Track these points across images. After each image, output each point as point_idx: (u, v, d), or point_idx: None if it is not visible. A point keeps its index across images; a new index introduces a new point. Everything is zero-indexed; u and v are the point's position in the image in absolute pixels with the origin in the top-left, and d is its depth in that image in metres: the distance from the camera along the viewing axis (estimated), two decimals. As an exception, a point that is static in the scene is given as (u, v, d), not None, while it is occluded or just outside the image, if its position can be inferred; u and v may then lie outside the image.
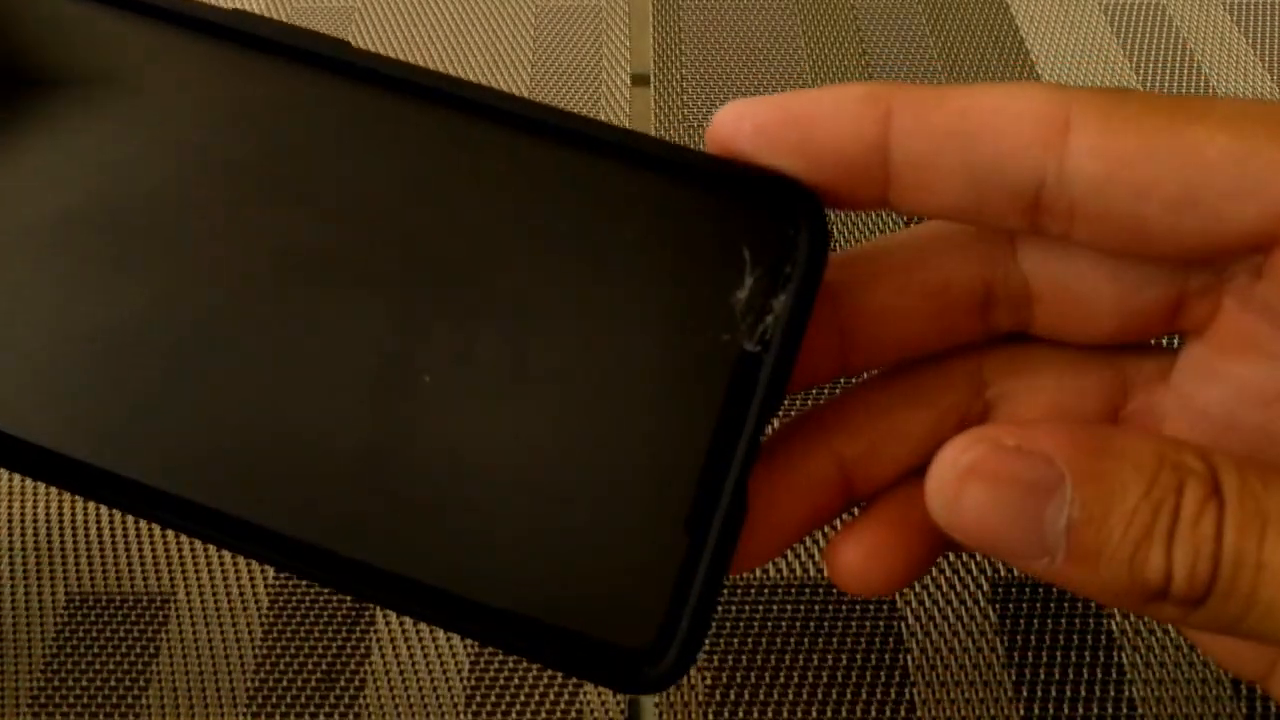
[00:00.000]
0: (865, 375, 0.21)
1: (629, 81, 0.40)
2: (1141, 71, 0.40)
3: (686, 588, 0.18)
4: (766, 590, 0.27)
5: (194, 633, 0.26)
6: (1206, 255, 0.17)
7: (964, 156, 0.17)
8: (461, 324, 0.19)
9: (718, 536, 0.18)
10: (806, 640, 0.26)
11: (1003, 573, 0.27)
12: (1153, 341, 0.20)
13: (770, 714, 0.25)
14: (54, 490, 0.28)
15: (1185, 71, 0.40)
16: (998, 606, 0.26)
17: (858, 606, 0.26)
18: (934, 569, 0.27)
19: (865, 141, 0.17)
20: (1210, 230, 0.16)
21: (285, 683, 0.25)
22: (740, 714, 0.25)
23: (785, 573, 0.27)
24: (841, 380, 0.25)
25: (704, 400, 0.18)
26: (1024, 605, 0.26)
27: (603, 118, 0.38)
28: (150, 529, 0.28)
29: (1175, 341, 0.20)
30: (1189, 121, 0.16)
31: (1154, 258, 0.18)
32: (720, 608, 0.26)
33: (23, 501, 0.28)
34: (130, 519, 0.28)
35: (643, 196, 0.18)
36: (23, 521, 0.28)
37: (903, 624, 0.26)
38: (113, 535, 0.28)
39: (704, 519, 0.18)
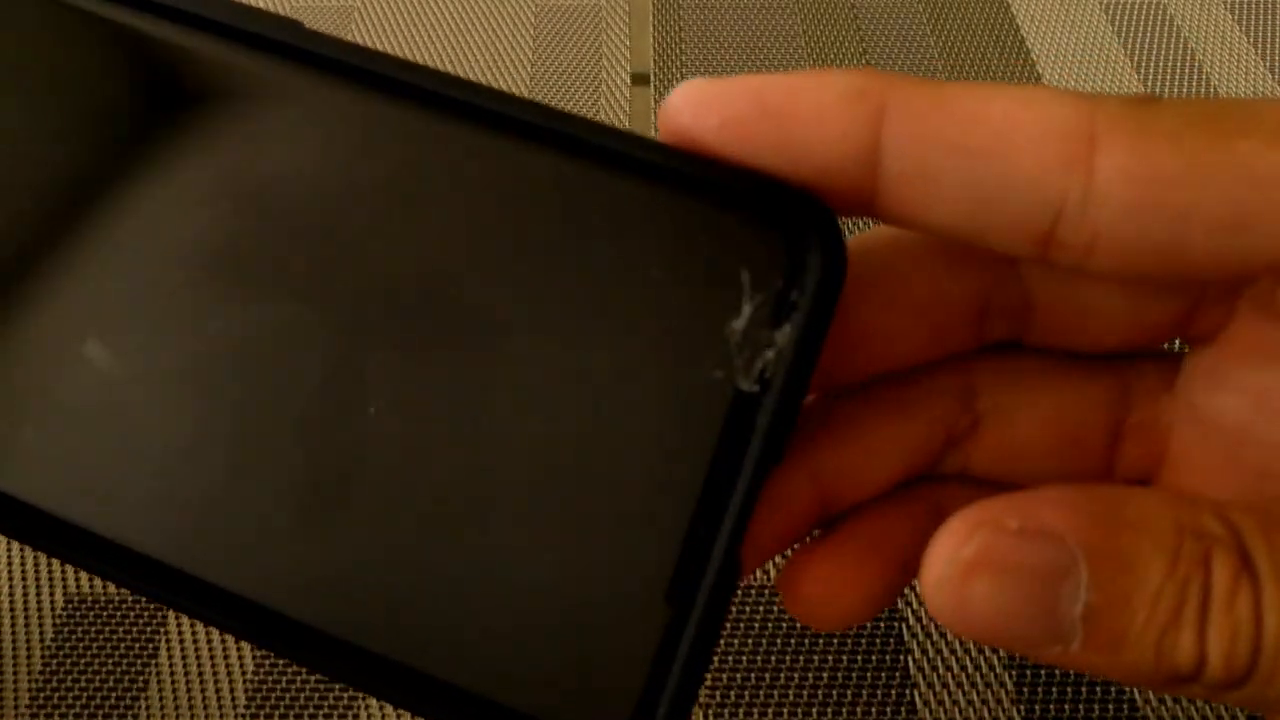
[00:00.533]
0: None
1: (629, 81, 0.40)
2: (1143, 71, 0.40)
3: (667, 668, 0.16)
4: (767, 591, 0.26)
5: (192, 634, 0.26)
6: (1251, 277, 0.16)
7: (968, 174, 0.15)
8: (410, 360, 0.16)
9: (704, 610, 0.15)
10: (807, 641, 0.26)
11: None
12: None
13: (771, 715, 0.25)
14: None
15: (1186, 71, 0.39)
16: (999, 607, 0.26)
17: (858, 607, 0.26)
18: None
19: (852, 144, 0.15)
20: (1262, 251, 0.14)
21: (284, 685, 0.25)
22: (740, 715, 0.24)
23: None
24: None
25: (691, 451, 0.16)
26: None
27: (602, 118, 0.38)
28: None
29: (1176, 345, 0.19)
30: (1234, 135, 0.14)
31: (1181, 281, 0.17)
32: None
33: (21, 502, 0.28)
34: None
35: (619, 205, 0.16)
36: (21, 523, 0.28)
37: (904, 625, 0.26)
38: (111, 536, 0.28)
39: (688, 590, 0.16)
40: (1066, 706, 0.24)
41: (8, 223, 0.17)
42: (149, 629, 0.26)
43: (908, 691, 0.25)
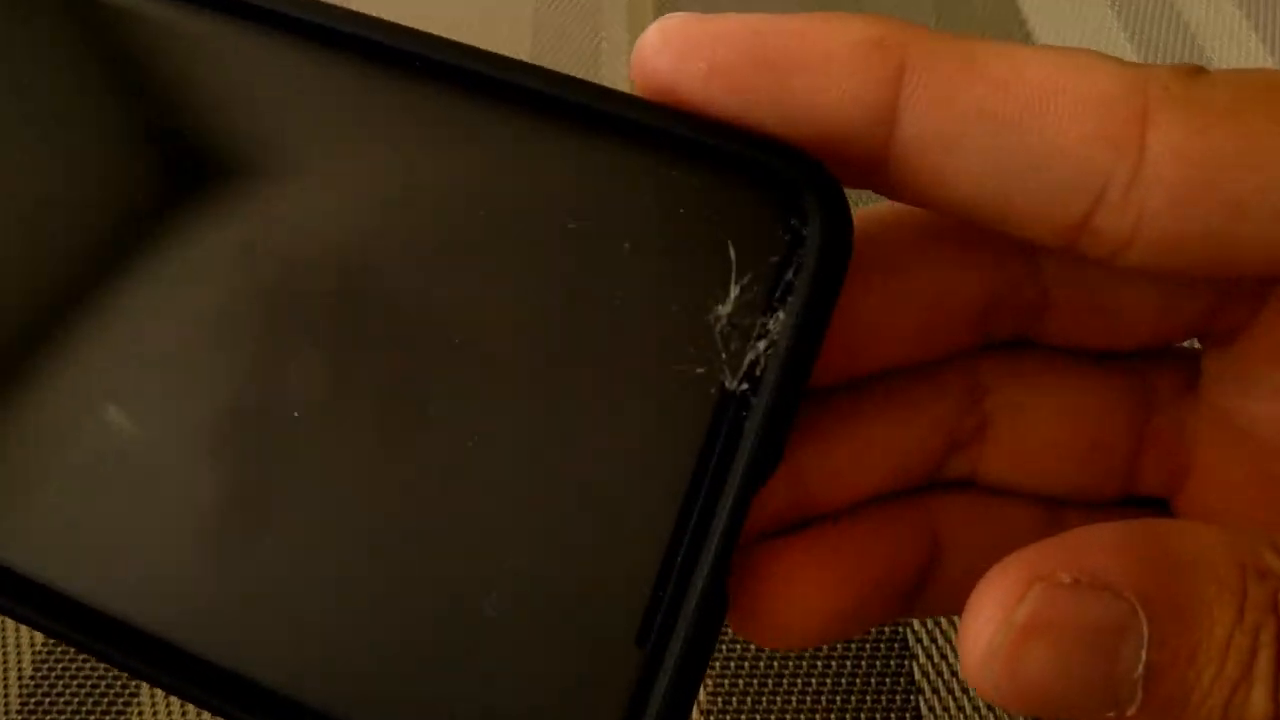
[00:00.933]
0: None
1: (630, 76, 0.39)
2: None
3: (641, 713, 0.13)
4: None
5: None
6: None
7: (997, 146, 0.13)
8: (351, 356, 0.14)
9: (683, 649, 0.13)
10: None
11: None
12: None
13: (773, 722, 0.24)
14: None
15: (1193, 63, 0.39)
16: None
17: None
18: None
19: (865, 105, 0.13)
20: None
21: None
22: (743, 722, 0.24)
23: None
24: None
25: (669, 461, 0.13)
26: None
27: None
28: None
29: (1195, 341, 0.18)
30: None
31: (1223, 276, 0.15)
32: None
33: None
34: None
35: (583, 168, 0.13)
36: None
37: (909, 630, 0.26)
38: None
39: (665, 626, 0.13)
40: (1074, 713, 0.24)
41: None
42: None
43: (913, 698, 0.25)
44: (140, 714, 0.24)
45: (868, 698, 0.25)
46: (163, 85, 0.15)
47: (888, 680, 0.25)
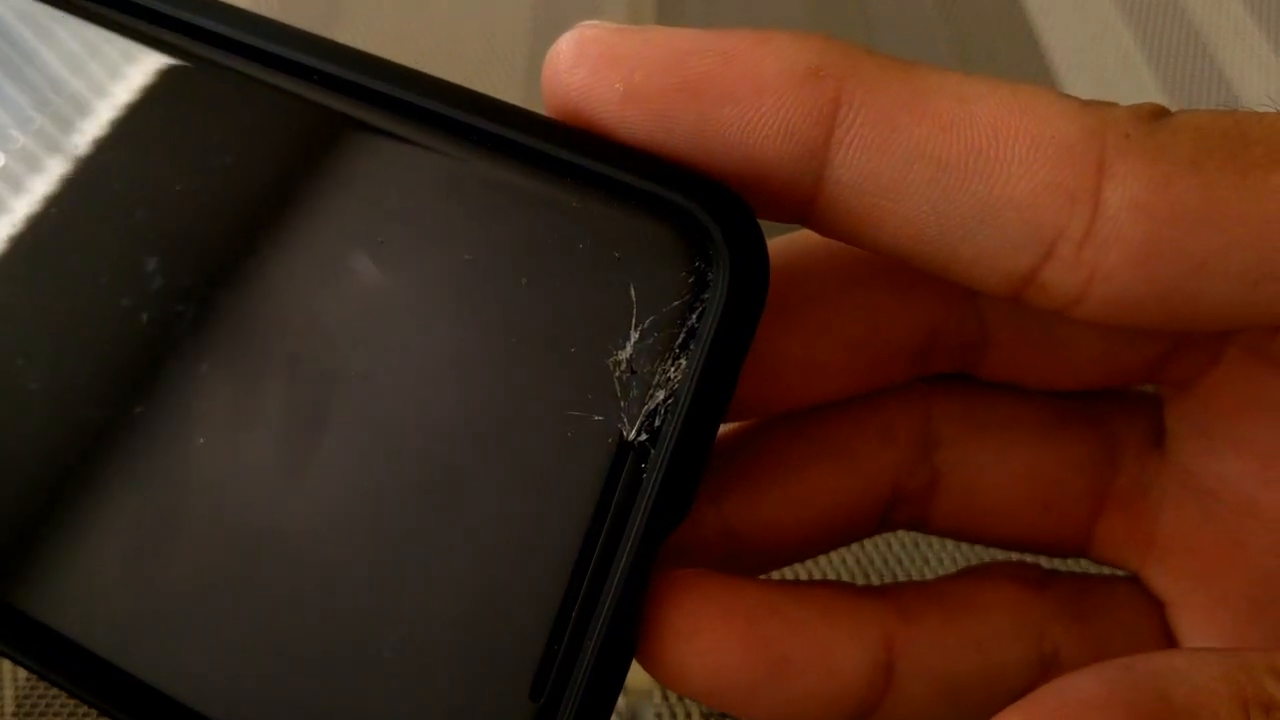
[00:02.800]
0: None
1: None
2: (1155, 63, 0.39)
3: None
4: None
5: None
6: (1269, 328, 0.13)
7: (938, 192, 0.12)
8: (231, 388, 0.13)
9: (578, 703, 0.12)
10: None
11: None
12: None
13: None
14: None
15: (1199, 62, 0.39)
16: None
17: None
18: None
19: (797, 143, 0.12)
20: None
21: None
22: (743, 726, 0.24)
23: (788, 577, 0.26)
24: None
25: (565, 511, 0.12)
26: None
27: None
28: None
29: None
30: (1265, 166, 0.11)
31: (1181, 332, 0.14)
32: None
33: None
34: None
35: (479, 194, 0.12)
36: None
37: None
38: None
39: (559, 680, 0.12)
40: None
41: None
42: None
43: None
44: (136, 717, 0.24)
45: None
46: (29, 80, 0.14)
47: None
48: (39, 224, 0.14)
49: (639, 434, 0.12)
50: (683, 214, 0.12)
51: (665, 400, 0.12)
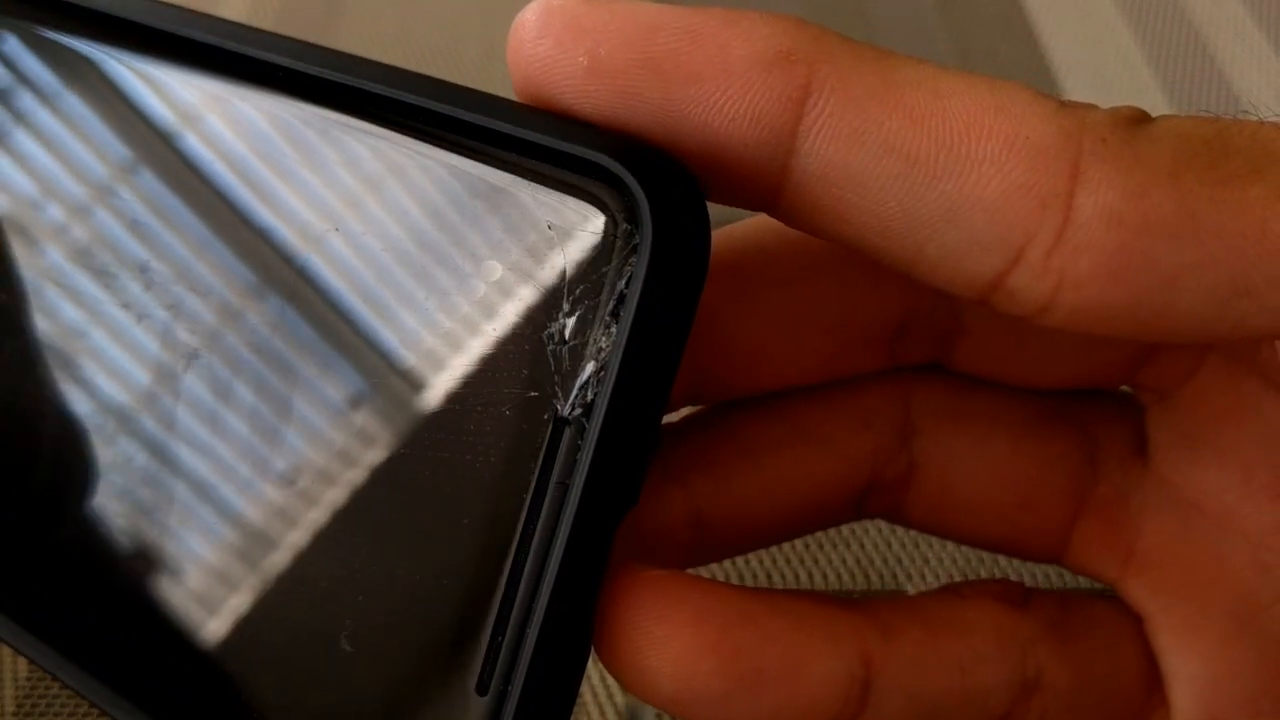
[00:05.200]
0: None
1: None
2: (1155, 63, 0.39)
3: None
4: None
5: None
6: (1243, 343, 0.13)
7: (907, 188, 0.11)
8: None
9: (522, 698, 0.12)
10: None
11: (1013, 578, 0.26)
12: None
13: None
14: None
15: (1199, 62, 0.39)
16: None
17: (865, 615, 0.26)
18: (945, 577, 0.26)
19: (763, 128, 0.11)
20: (1257, 325, 0.12)
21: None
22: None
23: (790, 580, 0.26)
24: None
25: (505, 496, 0.12)
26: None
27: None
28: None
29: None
30: (1242, 178, 0.11)
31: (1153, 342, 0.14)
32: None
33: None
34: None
35: (408, 168, 0.12)
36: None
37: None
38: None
39: (504, 674, 0.12)
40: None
41: None
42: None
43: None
44: (136, 716, 0.24)
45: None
46: None
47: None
48: None
49: (573, 408, 0.11)
50: (608, 176, 0.11)
51: (597, 371, 0.11)
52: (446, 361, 0.12)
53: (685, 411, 0.16)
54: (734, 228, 0.15)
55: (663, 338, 0.11)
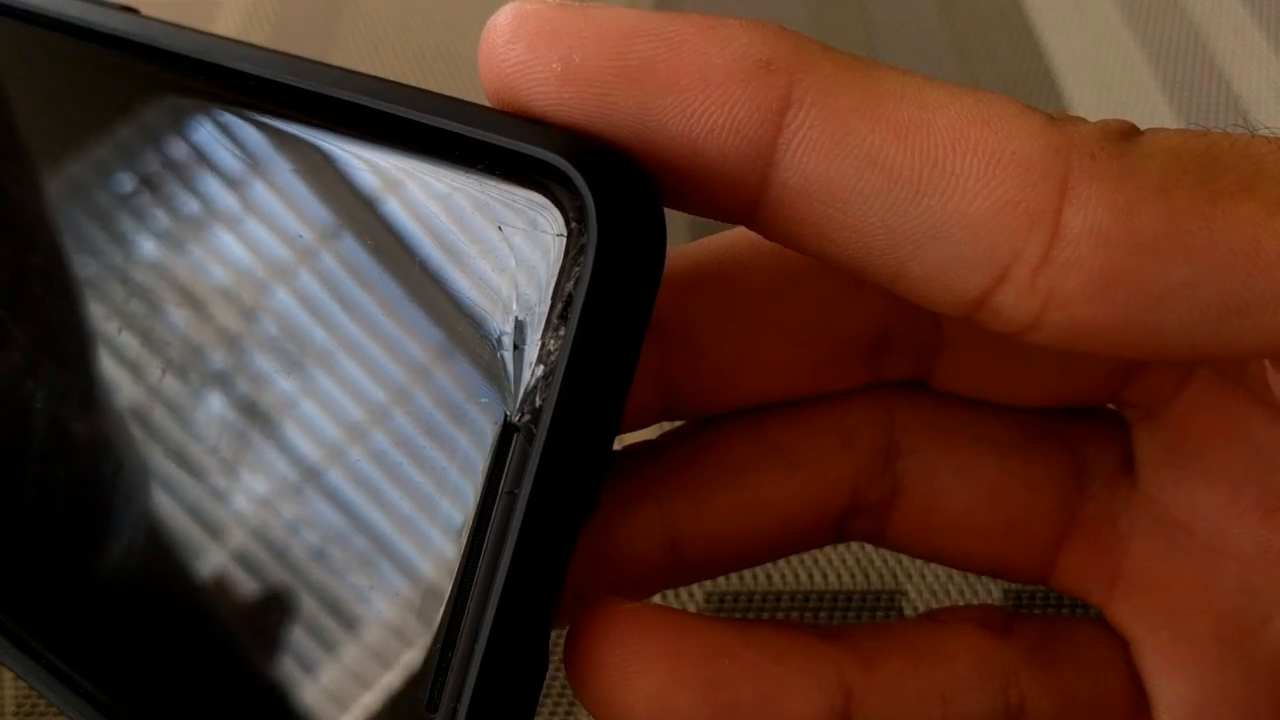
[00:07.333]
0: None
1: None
2: (1155, 63, 0.39)
3: None
4: (771, 599, 0.26)
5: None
6: (1233, 361, 0.13)
7: (889, 204, 0.11)
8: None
9: (471, 716, 0.11)
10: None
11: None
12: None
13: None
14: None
15: (1199, 62, 0.39)
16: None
17: (864, 616, 0.26)
18: (944, 577, 0.26)
19: (741, 140, 0.11)
20: (1249, 344, 0.11)
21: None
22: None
23: (791, 581, 0.26)
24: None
25: (453, 506, 0.11)
26: (1037, 613, 0.26)
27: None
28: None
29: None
30: (1234, 195, 0.11)
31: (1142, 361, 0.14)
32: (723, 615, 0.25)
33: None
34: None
35: (359, 169, 0.12)
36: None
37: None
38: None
39: (454, 691, 0.11)
40: None
41: None
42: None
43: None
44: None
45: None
46: None
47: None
48: None
49: (521, 414, 0.11)
50: (555, 174, 0.11)
51: (544, 376, 0.11)
52: (394, 367, 0.12)
53: (660, 428, 0.16)
54: (709, 240, 0.15)
55: (613, 341, 0.11)
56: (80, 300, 0.13)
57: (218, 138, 0.12)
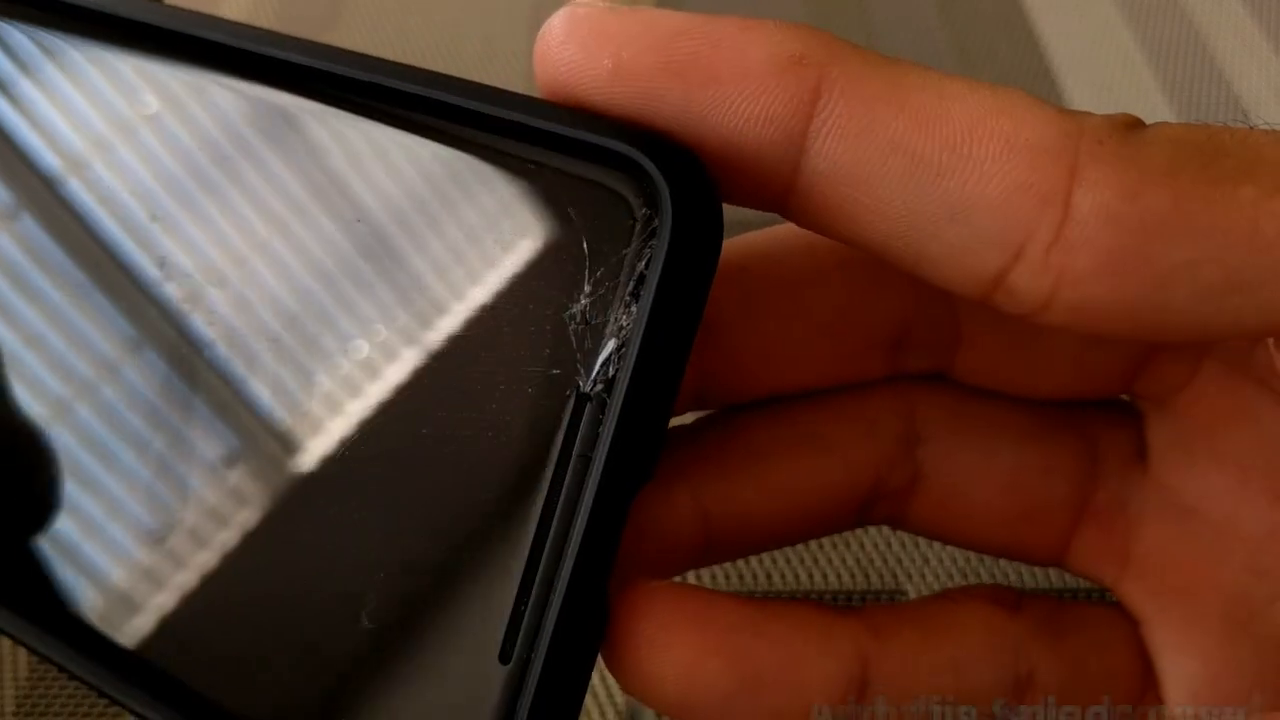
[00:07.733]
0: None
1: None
2: (1155, 63, 0.39)
3: None
4: (771, 598, 0.26)
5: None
6: (1236, 342, 0.14)
7: (912, 186, 0.12)
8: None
9: (545, 666, 0.12)
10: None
11: (1013, 578, 0.26)
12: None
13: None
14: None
15: (1199, 62, 0.39)
16: (1008, 614, 0.26)
17: (864, 615, 0.26)
18: (944, 576, 0.26)
19: (777, 128, 0.12)
20: (1251, 322, 0.12)
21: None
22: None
23: (791, 580, 0.26)
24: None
25: (527, 471, 0.12)
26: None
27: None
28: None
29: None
30: (1235, 179, 0.11)
31: (1150, 342, 0.14)
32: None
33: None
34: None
35: (434, 161, 0.13)
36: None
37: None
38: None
39: (526, 643, 0.12)
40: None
41: None
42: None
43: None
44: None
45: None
46: None
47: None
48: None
49: (594, 384, 0.12)
50: (627, 163, 0.12)
51: (618, 348, 0.12)
52: (473, 341, 0.13)
53: (693, 416, 0.17)
54: (741, 237, 0.15)
55: (679, 317, 0.12)
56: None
57: (332, 137, 0.13)
